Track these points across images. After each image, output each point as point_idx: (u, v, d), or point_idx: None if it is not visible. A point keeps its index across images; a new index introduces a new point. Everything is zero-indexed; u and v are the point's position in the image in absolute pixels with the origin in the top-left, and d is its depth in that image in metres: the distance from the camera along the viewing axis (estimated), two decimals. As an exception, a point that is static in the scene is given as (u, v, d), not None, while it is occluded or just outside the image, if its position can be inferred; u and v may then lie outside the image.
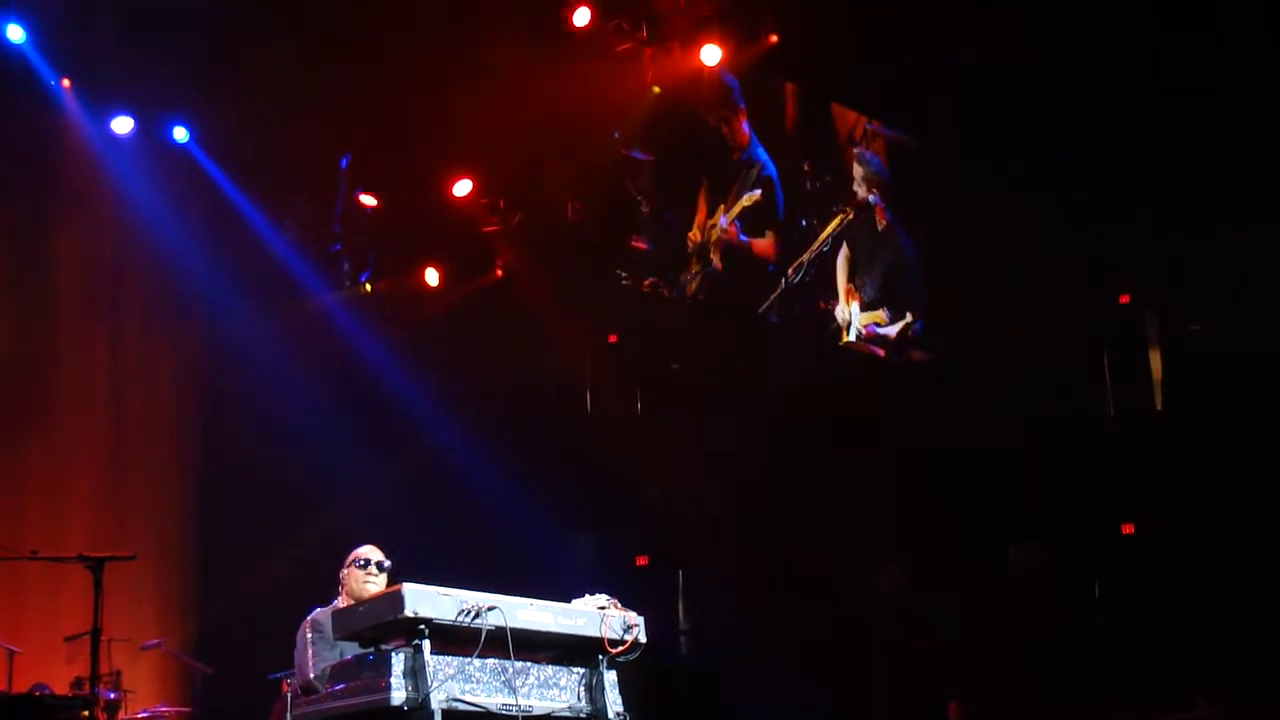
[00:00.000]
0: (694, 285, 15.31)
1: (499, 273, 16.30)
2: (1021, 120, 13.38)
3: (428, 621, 5.80)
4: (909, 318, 14.24)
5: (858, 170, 14.48)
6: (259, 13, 13.45)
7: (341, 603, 7.37)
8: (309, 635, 7.24)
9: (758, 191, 14.76)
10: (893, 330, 14.31)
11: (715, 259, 15.12)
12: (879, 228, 14.76)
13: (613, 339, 15.98)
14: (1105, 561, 13.67)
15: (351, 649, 6.30)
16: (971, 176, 13.66)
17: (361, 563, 7.52)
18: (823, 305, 14.84)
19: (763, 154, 14.87)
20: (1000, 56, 13.21)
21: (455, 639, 5.92)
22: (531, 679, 6.18)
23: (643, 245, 15.58)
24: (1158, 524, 13.28)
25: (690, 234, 15.28)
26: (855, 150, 14.81)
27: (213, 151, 15.77)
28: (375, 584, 7.41)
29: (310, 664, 7.10)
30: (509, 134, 14.79)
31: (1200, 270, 13.11)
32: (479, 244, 16.20)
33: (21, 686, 11.75)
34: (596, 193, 15.54)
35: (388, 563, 7.55)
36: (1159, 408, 13.82)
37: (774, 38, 14.34)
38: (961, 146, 13.75)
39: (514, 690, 6.05)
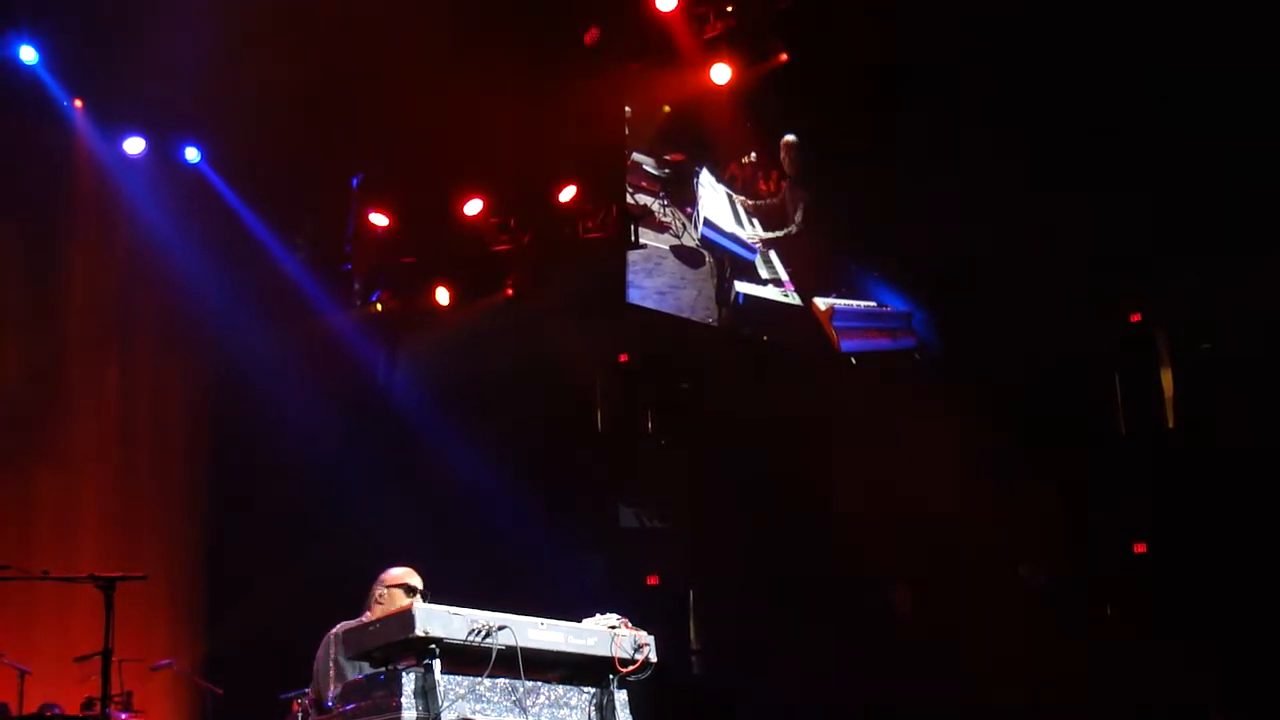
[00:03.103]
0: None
1: (509, 292, 16.30)
2: (1032, 134, 13.37)
3: (438, 641, 5.80)
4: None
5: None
6: (270, 32, 13.48)
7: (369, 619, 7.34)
8: (334, 649, 7.21)
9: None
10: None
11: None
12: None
13: (623, 359, 15.97)
14: (1117, 581, 13.62)
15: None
16: (979, 192, 13.64)
17: (409, 590, 7.47)
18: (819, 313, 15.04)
19: None
20: (1007, 67, 13.24)
21: (466, 659, 5.91)
22: (542, 699, 6.17)
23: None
24: (1170, 543, 13.24)
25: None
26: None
27: (224, 171, 15.83)
28: None
29: (331, 678, 7.07)
30: (519, 153, 14.82)
31: (1212, 288, 13.08)
32: (490, 263, 16.20)
33: (32, 707, 11.76)
34: (607, 211, 15.54)
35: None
36: (1171, 426, 13.78)
37: (784, 56, 14.37)
38: (970, 160, 13.73)
39: (525, 710, 6.04)
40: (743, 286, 15.16)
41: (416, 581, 7.51)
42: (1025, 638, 13.37)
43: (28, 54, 14.28)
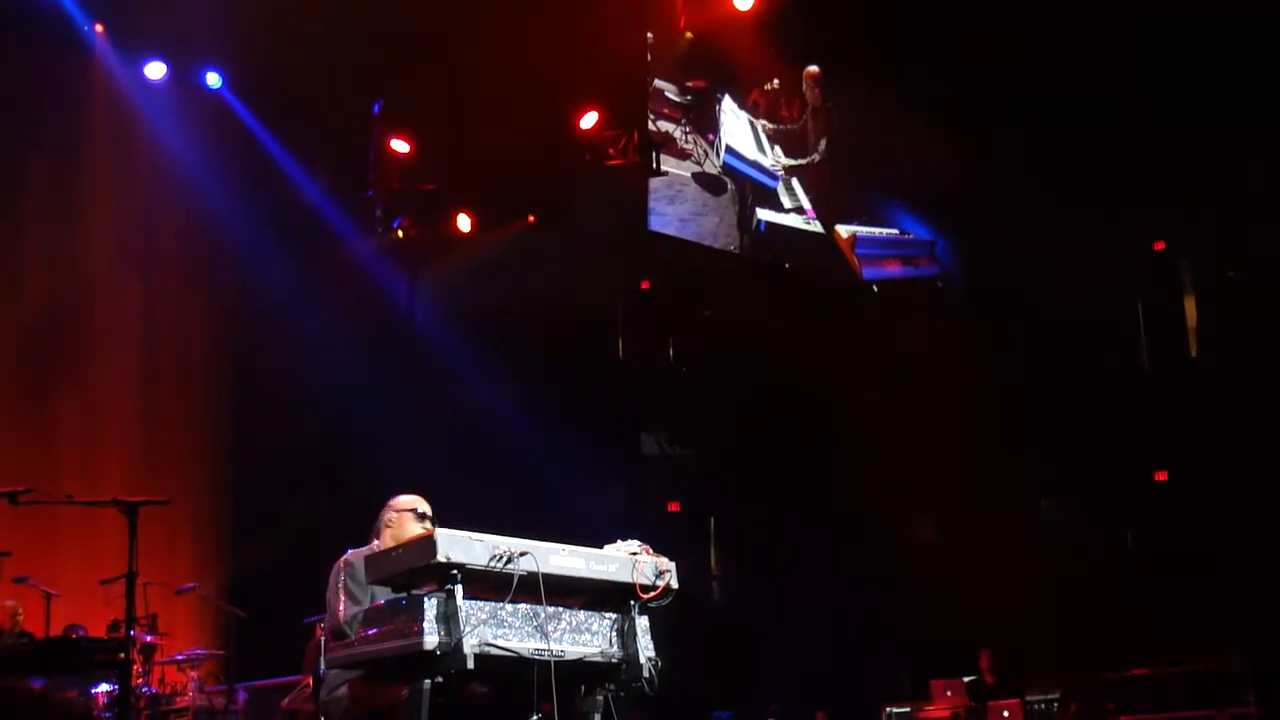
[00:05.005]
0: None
1: (531, 219, 16.26)
2: (1060, 62, 13.28)
3: (460, 566, 5.79)
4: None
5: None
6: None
7: (379, 547, 7.34)
8: (342, 577, 7.21)
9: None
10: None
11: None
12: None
13: (645, 286, 15.95)
14: (1138, 509, 13.64)
15: (384, 593, 6.28)
16: (1005, 121, 13.57)
17: (420, 514, 7.45)
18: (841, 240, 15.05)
19: None
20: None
21: (487, 584, 5.91)
22: (563, 624, 6.17)
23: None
24: (1191, 471, 13.25)
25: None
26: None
27: (245, 97, 15.77)
28: None
29: (341, 606, 7.07)
30: (541, 79, 14.73)
31: (1237, 217, 13.00)
32: (511, 190, 16.15)
33: (59, 629, 11.86)
34: (629, 138, 15.47)
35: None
36: (1194, 355, 13.75)
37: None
38: (1000, 93, 13.64)
39: (546, 635, 6.04)
40: (765, 214, 15.12)
41: (425, 508, 7.49)
42: (1046, 565, 13.41)
43: (49, -22, 14.25)
